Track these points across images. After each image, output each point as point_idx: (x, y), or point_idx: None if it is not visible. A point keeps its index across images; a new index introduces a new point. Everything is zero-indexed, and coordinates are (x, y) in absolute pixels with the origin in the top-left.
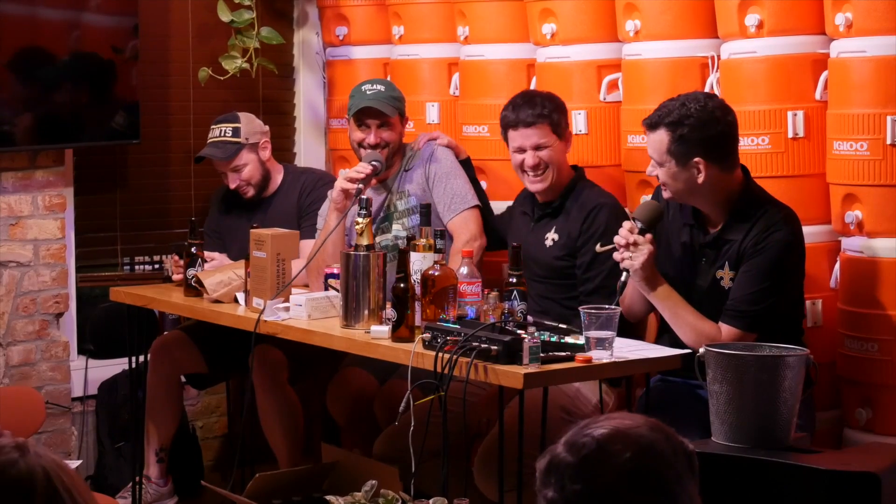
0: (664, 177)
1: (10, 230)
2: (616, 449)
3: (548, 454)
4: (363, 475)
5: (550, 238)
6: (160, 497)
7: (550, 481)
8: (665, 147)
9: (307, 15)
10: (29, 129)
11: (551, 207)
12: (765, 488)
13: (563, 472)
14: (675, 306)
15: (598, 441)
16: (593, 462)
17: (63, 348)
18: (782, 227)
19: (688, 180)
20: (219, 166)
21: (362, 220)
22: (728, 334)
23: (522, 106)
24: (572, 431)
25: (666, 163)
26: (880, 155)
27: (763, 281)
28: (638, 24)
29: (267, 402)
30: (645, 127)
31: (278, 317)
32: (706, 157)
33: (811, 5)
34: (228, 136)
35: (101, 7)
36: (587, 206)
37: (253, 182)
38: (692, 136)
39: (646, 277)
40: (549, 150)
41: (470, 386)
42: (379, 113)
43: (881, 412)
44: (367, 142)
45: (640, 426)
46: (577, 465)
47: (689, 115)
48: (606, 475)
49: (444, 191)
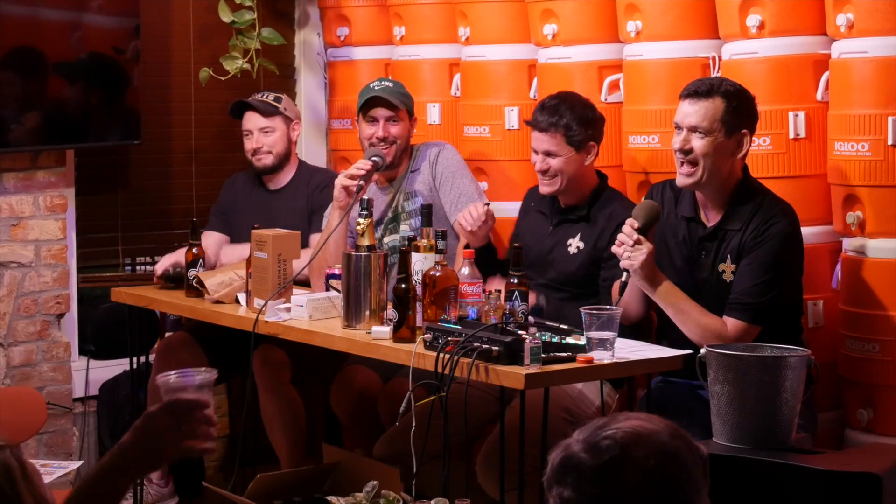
0: (706, 147)
1: (11, 231)
2: (639, 455)
3: (562, 449)
4: (364, 476)
5: (575, 245)
6: (161, 498)
7: (567, 480)
8: (720, 115)
9: (308, 15)
10: (30, 130)
11: (575, 214)
12: (766, 489)
13: (583, 473)
14: (679, 303)
15: (621, 445)
16: (616, 467)
17: (64, 349)
18: (781, 219)
19: (729, 153)
20: (250, 122)
21: (363, 221)
22: (734, 327)
23: (546, 109)
24: (589, 430)
25: (715, 132)
26: (881, 155)
27: (766, 272)
28: (639, 25)
29: (269, 403)
30: (691, 96)
31: (279, 317)
32: (751, 131)
33: (812, 6)
34: (270, 100)
35: (103, 8)
36: (616, 218)
37: (274, 152)
38: (744, 108)
39: (646, 276)
40: (559, 159)
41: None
42: (387, 104)
43: (882, 413)
44: (376, 135)
45: (661, 431)
46: (598, 469)
47: (740, 90)
48: (629, 481)
49: (451, 190)
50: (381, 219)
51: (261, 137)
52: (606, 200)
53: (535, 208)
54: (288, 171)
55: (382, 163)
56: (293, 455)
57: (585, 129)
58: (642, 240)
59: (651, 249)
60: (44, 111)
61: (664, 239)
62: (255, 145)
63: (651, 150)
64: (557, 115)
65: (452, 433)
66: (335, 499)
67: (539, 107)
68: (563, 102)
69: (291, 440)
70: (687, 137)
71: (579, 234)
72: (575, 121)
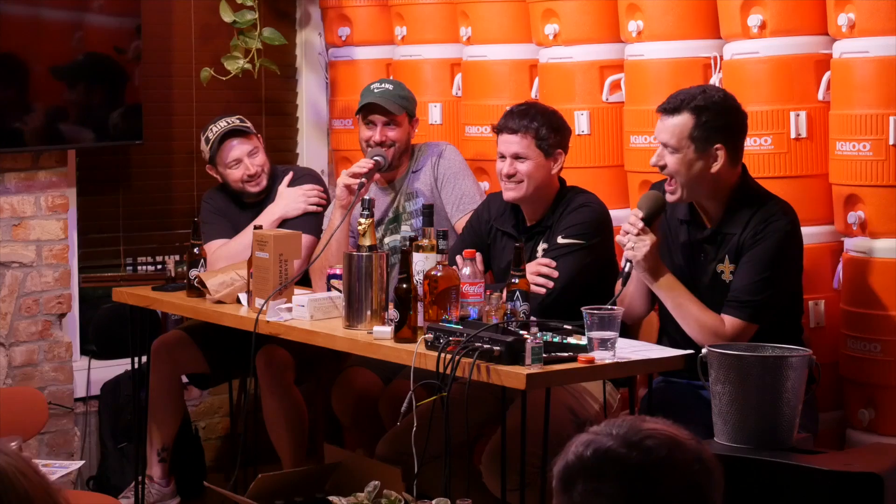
0: (677, 164)
1: (13, 231)
2: (685, 458)
3: (588, 445)
4: (366, 476)
5: (540, 250)
6: (163, 497)
7: (608, 475)
8: (688, 131)
9: (309, 15)
10: (32, 130)
11: (541, 226)
12: (767, 489)
13: (628, 469)
14: (679, 297)
15: (667, 447)
16: (664, 467)
17: (66, 349)
18: (781, 218)
19: (702, 168)
20: (235, 151)
21: (365, 221)
22: (731, 325)
23: (516, 114)
24: (623, 428)
25: (684, 148)
26: (883, 155)
27: (764, 270)
28: (640, 25)
29: (272, 403)
30: (662, 112)
31: (281, 317)
32: (726, 144)
33: (814, 6)
34: (238, 123)
35: (104, 8)
36: (572, 207)
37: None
38: (716, 122)
39: (649, 268)
40: (528, 163)
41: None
42: (384, 110)
43: (884, 413)
44: (373, 139)
45: (691, 438)
46: (647, 467)
47: (714, 102)
48: (675, 482)
49: (453, 191)
50: (381, 219)
51: (252, 161)
52: (568, 201)
53: (499, 231)
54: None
55: (385, 162)
56: (295, 455)
57: (555, 135)
58: (646, 230)
59: (655, 241)
60: (45, 111)
61: (665, 240)
62: (251, 171)
63: (652, 150)
64: (528, 118)
65: (454, 433)
66: (337, 499)
67: (508, 112)
68: (533, 108)
69: (294, 440)
70: (661, 153)
71: (542, 240)
72: (545, 125)
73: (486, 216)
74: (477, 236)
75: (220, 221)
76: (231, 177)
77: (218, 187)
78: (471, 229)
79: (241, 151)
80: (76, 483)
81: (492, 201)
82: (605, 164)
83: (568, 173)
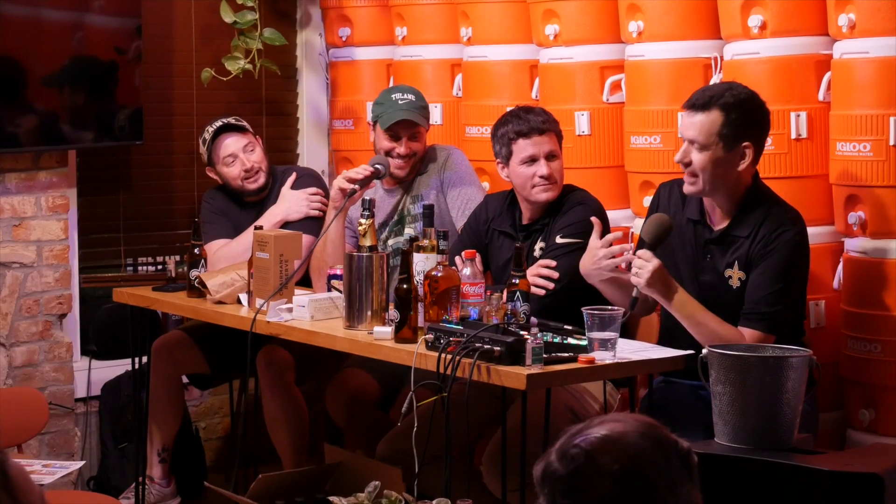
0: (704, 162)
1: (13, 231)
2: (605, 461)
3: (543, 460)
4: (366, 476)
5: (538, 248)
6: (163, 498)
7: (544, 491)
8: (717, 129)
9: (310, 16)
10: (32, 131)
11: (538, 225)
12: (768, 489)
13: (555, 484)
14: (694, 314)
15: (587, 452)
16: (582, 476)
17: (66, 349)
18: (791, 227)
19: (728, 167)
20: (231, 146)
21: (365, 222)
22: (751, 338)
23: (528, 114)
24: (565, 438)
25: (712, 146)
26: (883, 156)
27: (779, 281)
28: (641, 25)
29: (273, 403)
30: (690, 108)
31: (281, 318)
32: (753, 142)
33: (814, 6)
34: (234, 120)
35: (105, 8)
36: (569, 205)
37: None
38: (745, 120)
39: (659, 291)
40: (558, 161)
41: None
42: (412, 124)
43: (884, 413)
44: (398, 152)
45: (631, 433)
46: (567, 479)
47: (742, 100)
48: (597, 489)
49: (458, 195)
50: (386, 221)
51: (248, 156)
52: (566, 199)
53: (497, 231)
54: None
55: (385, 171)
56: (296, 456)
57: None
58: (649, 256)
59: (657, 265)
60: (45, 112)
61: (669, 239)
62: (248, 165)
63: (653, 150)
64: (544, 116)
65: (454, 433)
66: (337, 499)
67: (515, 118)
68: (535, 108)
69: (294, 440)
70: (687, 150)
71: (540, 238)
72: (557, 123)
73: (483, 216)
74: (475, 236)
75: (221, 221)
76: (229, 175)
77: (218, 187)
78: (469, 229)
79: (235, 147)
80: (76, 483)
81: (490, 201)
82: (606, 164)
83: (568, 173)
